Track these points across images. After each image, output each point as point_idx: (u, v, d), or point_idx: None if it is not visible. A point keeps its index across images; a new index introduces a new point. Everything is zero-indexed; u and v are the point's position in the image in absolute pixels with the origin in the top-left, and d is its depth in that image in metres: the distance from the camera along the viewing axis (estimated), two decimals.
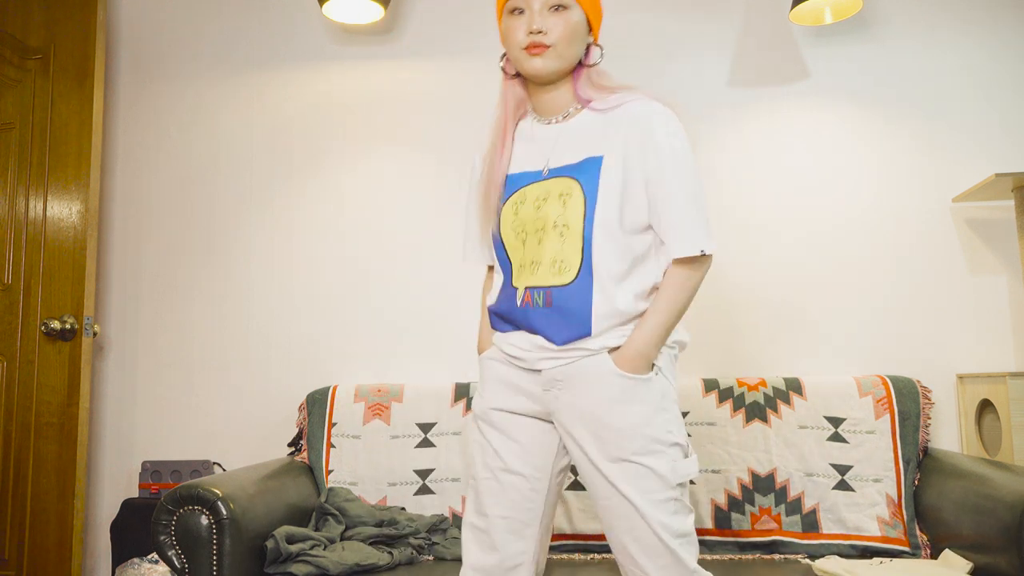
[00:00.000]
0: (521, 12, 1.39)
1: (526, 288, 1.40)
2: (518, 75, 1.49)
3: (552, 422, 1.44)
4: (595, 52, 1.45)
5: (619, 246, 1.37)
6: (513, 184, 1.46)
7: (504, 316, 1.45)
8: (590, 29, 1.44)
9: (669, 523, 1.32)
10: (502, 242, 1.45)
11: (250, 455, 2.64)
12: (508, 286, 1.45)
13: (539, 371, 1.40)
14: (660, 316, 1.36)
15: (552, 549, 2.18)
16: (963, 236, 2.53)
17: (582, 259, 1.36)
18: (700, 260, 1.38)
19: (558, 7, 1.37)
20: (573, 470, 2.20)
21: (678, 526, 1.33)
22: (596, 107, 1.42)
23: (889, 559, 2.00)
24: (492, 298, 1.49)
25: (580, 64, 1.44)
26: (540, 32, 1.36)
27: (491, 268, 1.60)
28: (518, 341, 1.42)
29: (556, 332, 1.37)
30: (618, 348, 1.36)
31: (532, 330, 1.40)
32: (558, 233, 1.37)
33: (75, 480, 2.38)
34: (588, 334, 1.35)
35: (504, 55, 1.48)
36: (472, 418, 1.50)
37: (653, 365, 1.37)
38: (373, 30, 2.79)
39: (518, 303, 1.41)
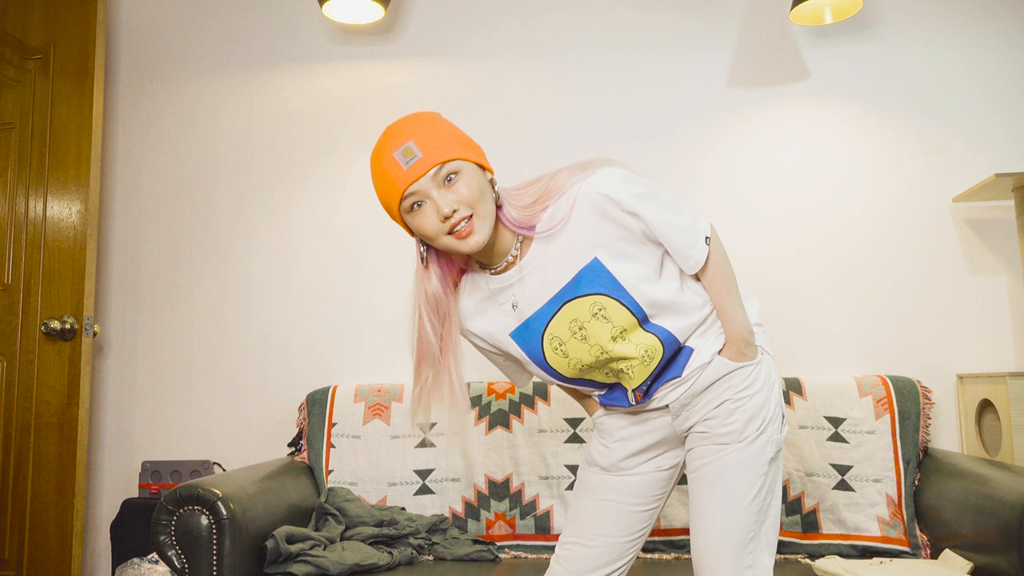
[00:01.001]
0: (421, 204, 1.31)
1: (633, 391, 1.44)
2: (431, 256, 1.42)
3: (679, 445, 1.52)
4: (495, 184, 1.38)
5: (664, 282, 1.40)
6: (525, 339, 1.43)
7: (620, 406, 1.49)
8: (483, 168, 1.36)
9: (756, 499, 1.39)
10: (572, 379, 1.46)
11: (250, 455, 2.64)
12: (607, 386, 1.48)
13: (667, 405, 1.45)
14: (730, 302, 1.43)
15: None
16: (963, 236, 2.53)
17: (659, 338, 1.39)
18: (712, 246, 1.44)
19: (449, 176, 1.30)
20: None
21: (764, 503, 1.41)
22: (545, 233, 1.37)
23: (889, 559, 2.00)
24: (595, 393, 1.53)
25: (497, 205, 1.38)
26: (454, 212, 1.29)
27: None
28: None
29: (672, 372, 1.43)
30: (722, 348, 1.43)
31: (654, 393, 1.46)
32: (623, 339, 1.38)
33: (75, 480, 2.38)
34: (692, 350, 1.42)
35: (423, 247, 1.40)
36: (586, 461, 1.57)
37: (758, 347, 1.44)
38: (373, 30, 2.79)
39: (632, 402, 1.46)
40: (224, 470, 2.62)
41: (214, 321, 2.72)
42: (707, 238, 1.41)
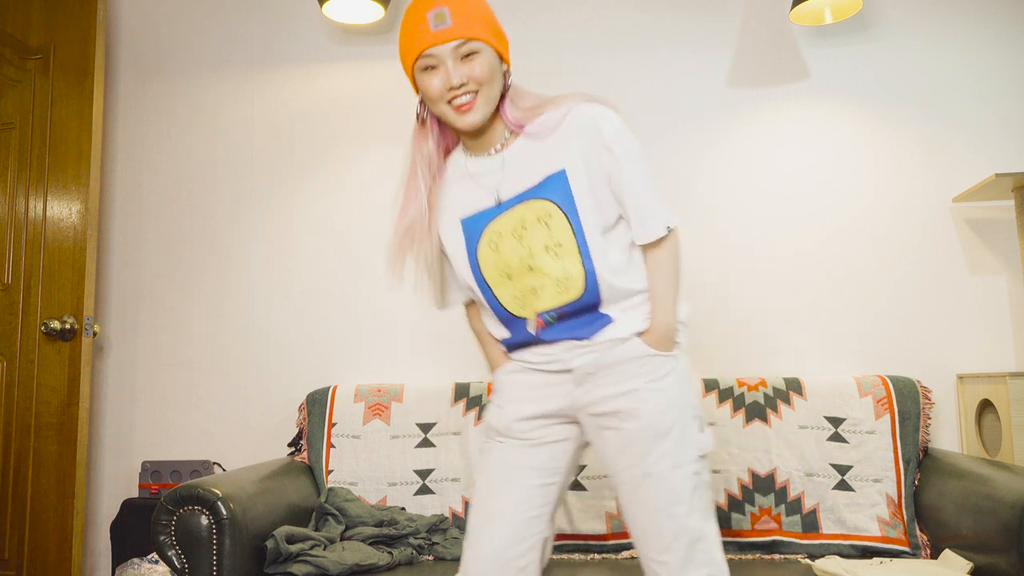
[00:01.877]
0: (434, 68, 1.36)
1: (537, 315, 1.42)
2: (432, 120, 1.48)
3: (575, 422, 1.48)
4: (508, 78, 1.43)
5: (612, 243, 1.40)
6: (474, 225, 1.44)
7: (520, 344, 1.47)
8: (501, 59, 1.41)
9: (695, 496, 1.36)
10: (486, 282, 1.44)
11: (250, 455, 2.64)
12: (511, 318, 1.45)
13: (571, 369, 1.43)
14: (667, 295, 1.41)
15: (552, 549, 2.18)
16: (963, 236, 2.53)
17: (584, 271, 1.38)
18: (670, 235, 1.44)
19: (469, 54, 1.35)
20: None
21: (703, 500, 1.38)
22: (532, 133, 1.41)
23: (889, 559, 2.00)
24: (498, 332, 1.50)
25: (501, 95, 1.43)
26: (462, 86, 1.35)
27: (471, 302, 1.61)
28: (544, 349, 1.45)
29: (581, 331, 1.41)
30: (644, 332, 1.41)
31: (555, 341, 1.43)
32: (552, 255, 1.38)
33: (75, 480, 2.38)
34: (609, 321, 1.40)
35: (422, 104, 1.46)
36: (484, 429, 1.53)
37: (678, 344, 1.43)
38: (373, 30, 2.79)
39: (532, 331, 1.43)
40: (224, 470, 2.62)
41: (214, 321, 2.72)
42: (669, 227, 1.41)
